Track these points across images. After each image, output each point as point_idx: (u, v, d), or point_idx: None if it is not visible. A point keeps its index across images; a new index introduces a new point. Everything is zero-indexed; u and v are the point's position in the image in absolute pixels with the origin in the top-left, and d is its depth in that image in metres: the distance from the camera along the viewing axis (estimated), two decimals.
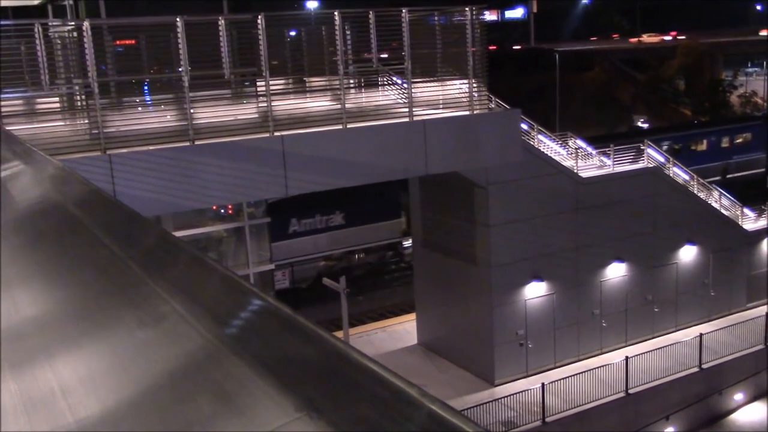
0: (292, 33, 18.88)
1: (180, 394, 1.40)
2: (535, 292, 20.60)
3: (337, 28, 15.06)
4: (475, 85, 16.74)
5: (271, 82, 14.49)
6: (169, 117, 14.14)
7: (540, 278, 20.49)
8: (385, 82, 17.34)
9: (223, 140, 13.53)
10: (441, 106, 16.78)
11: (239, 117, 14.29)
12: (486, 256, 19.77)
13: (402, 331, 23.92)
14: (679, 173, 23.94)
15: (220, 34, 13.77)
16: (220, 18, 14.05)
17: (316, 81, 17.62)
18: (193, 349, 1.58)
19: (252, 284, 2.11)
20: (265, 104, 14.18)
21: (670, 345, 21.71)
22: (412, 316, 23.84)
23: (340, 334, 20.47)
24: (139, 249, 2.50)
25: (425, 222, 22.42)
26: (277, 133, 14.08)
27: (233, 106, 15.13)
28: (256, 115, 14.64)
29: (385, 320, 25.37)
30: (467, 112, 16.62)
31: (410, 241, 31.57)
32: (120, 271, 2.17)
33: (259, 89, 14.78)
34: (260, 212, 18.96)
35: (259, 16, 13.87)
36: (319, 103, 15.87)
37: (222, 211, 18.79)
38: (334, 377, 1.50)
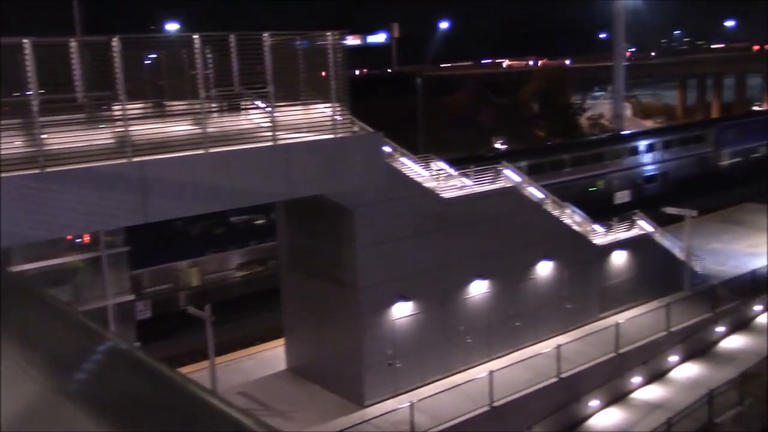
0: (152, 56, 18.41)
1: None
2: (403, 311, 20.93)
3: (197, 51, 14.85)
4: (338, 108, 16.93)
5: (128, 106, 14.06)
6: (17, 143, 13.40)
7: (407, 298, 20.85)
8: (248, 106, 17.21)
9: (76, 167, 12.96)
10: (305, 129, 16.83)
11: (94, 142, 13.75)
12: (353, 278, 19.92)
13: (271, 357, 23.62)
14: (535, 192, 25.10)
15: (72, 56, 13.24)
16: (71, 40, 13.51)
17: (177, 105, 17.24)
18: (27, 395, 1.53)
19: (95, 322, 2.06)
20: (122, 129, 13.73)
21: (531, 357, 22.63)
22: (281, 341, 23.62)
23: (206, 363, 19.99)
24: None
25: (292, 246, 22.33)
26: (135, 159, 13.65)
27: (88, 131, 14.54)
28: (113, 141, 14.14)
29: (254, 347, 24.95)
30: (331, 136, 16.76)
31: None
32: None
33: (115, 113, 14.29)
34: (119, 241, 18.27)
35: (114, 39, 13.45)
36: (181, 128, 15.53)
37: (77, 240, 17.95)
38: (171, 412, 1.49)
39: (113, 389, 1.59)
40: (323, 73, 16.80)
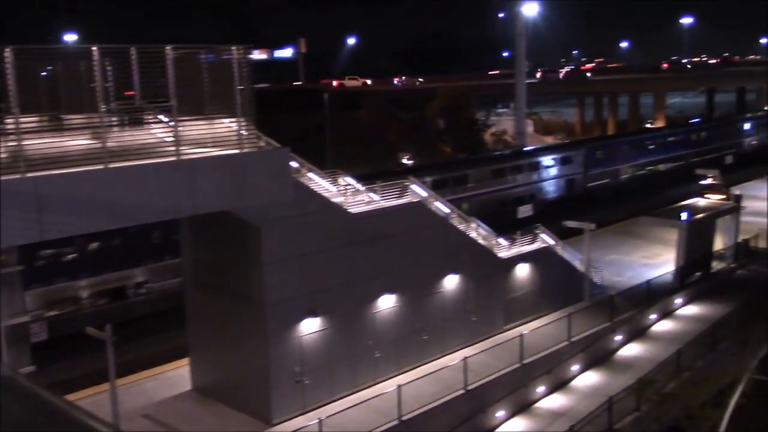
0: (49, 67, 17.76)
1: None
2: (311, 327, 20.80)
3: (95, 63, 14.45)
4: (243, 123, 16.77)
5: (22, 119, 13.52)
6: None
7: (315, 314, 20.74)
8: (151, 120, 16.82)
9: None
10: (210, 144, 16.58)
11: None
12: (260, 295, 19.67)
13: (176, 377, 23.00)
14: (441, 207, 25.47)
15: None
16: None
17: (75, 118, 16.67)
18: None
19: None
20: (15, 143, 13.18)
21: (439, 370, 22.88)
22: (186, 361, 23.04)
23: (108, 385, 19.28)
24: None
25: (197, 263, 21.88)
26: (29, 174, 13.13)
27: None
28: (5, 155, 13.55)
29: (157, 367, 24.20)
30: (236, 151, 16.58)
31: None
32: None
33: (8, 127, 13.70)
34: (12, 260, 17.46)
35: (6, 49, 12.92)
36: (79, 142, 15.02)
37: None
38: None
39: None
40: (228, 88, 16.61)
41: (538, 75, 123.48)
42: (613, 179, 61.43)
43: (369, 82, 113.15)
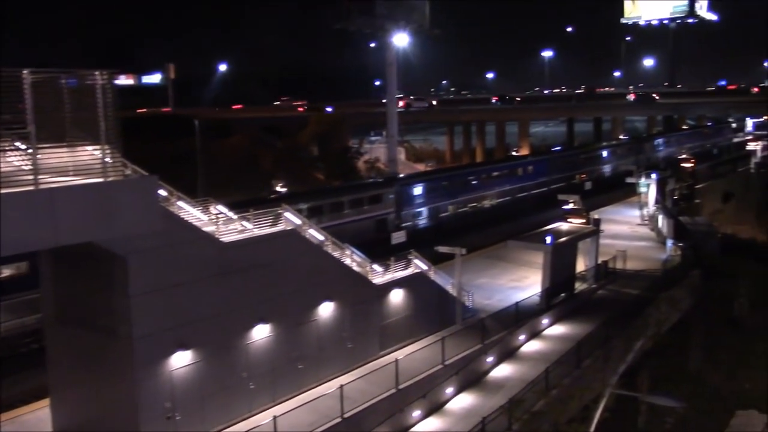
0: None
1: None
2: (182, 361, 20.14)
3: None
4: (108, 150, 16.17)
5: None
6: None
7: (186, 346, 20.11)
8: (6, 147, 15.91)
9: None
10: (72, 173, 15.85)
11: None
12: (126, 329, 18.87)
13: (34, 419, 21.60)
14: (315, 234, 25.43)
15: None
16: None
17: None
18: None
19: None
20: None
21: (315, 399, 22.68)
22: (47, 401, 21.70)
23: None
24: None
25: (59, 297, 20.75)
26: None
27: None
28: None
29: (13, 410, 22.63)
30: (101, 180, 15.94)
31: None
32: None
33: None
34: None
35: None
36: None
37: None
38: None
39: None
40: (91, 114, 15.97)
41: (631, 97, 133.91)
42: (431, 218, 57.52)
43: (435, 102, 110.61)
